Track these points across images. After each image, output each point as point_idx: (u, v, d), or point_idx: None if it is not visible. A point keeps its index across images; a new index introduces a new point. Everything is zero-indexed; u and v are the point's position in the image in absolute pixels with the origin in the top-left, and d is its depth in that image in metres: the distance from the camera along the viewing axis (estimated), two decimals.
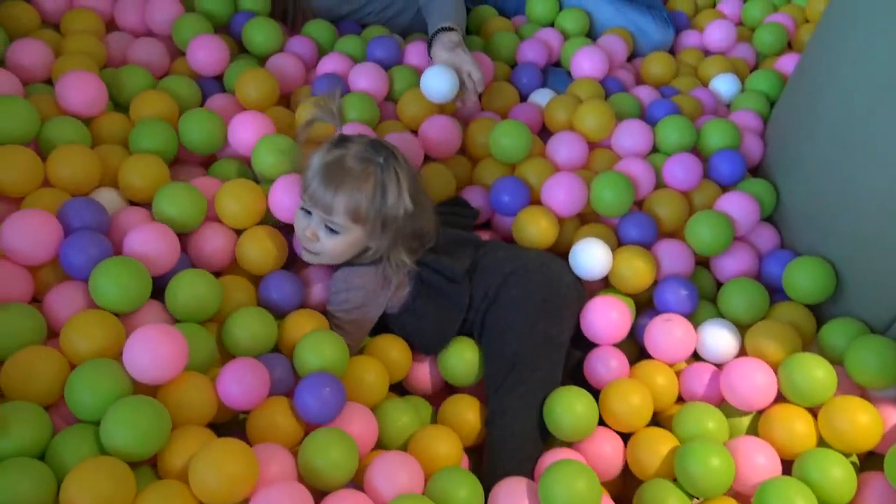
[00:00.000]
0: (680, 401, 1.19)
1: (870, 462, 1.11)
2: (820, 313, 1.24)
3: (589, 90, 1.55)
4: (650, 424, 1.14)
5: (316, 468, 0.95)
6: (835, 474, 1.02)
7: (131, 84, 1.35)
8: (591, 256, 1.25)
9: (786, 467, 1.07)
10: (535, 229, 1.31)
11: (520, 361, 1.14)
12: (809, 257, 1.25)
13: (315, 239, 1.12)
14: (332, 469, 0.95)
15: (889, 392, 1.11)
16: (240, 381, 1.00)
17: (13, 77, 1.25)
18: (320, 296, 1.21)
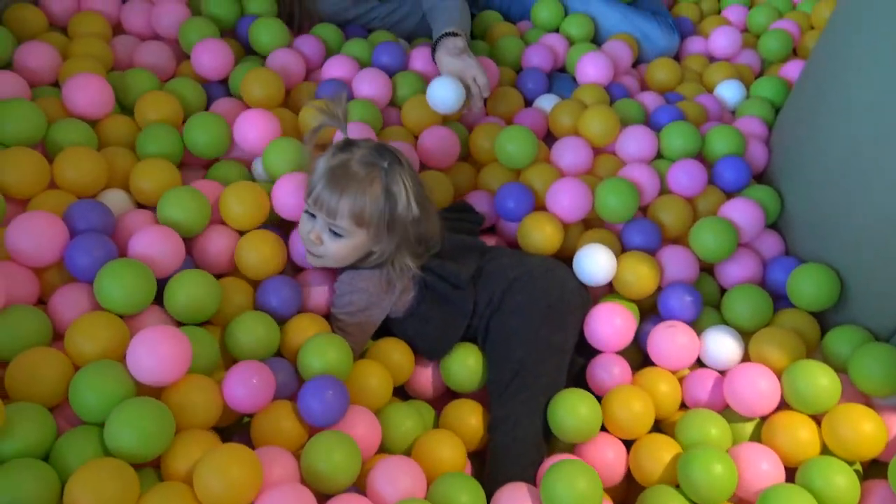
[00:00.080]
0: (683, 407, 1.19)
1: (873, 470, 1.11)
2: (824, 321, 1.24)
3: (594, 96, 1.55)
4: (653, 431, 1.14)
5: (318, 471, 0.95)
6: (838, 482, 1.02)
7: (137, 87, 1.35)
8: (595, 262, 1.25)
9: (789, 475, 1.07)
10: (540, 235, 1.31)
11: (524, 367, 1.14)
12: (814, 264, 1.25)
13: (319, 242, 1.12)
14: (334, 472, 0.95)
15: (893, 400, 1.10)
16: (246, 384, 1.00)
17: (20, 79, 1.26)
18: (319, 301, 1.21)
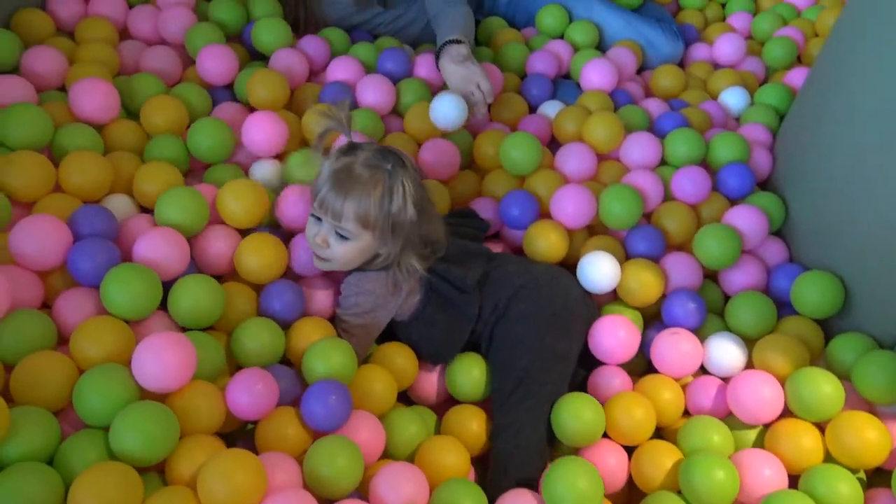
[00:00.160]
0: (686, 415, 1.19)
1: (877, 478, 1.10)
2: (828, 328, 1.24)
3: (598, 102, 1.55)
4: (655, 438, 1.14)
5: (321, 476, 0.95)
6: (841, 490, 1.01)
7: (144, 92, 1.36)
8: (599, 270, 1.25)
9: (792, 482, 1.06)
10: (545, 243, 1.32)
11: (528, 375, 1.14)
12: (818, 272, 1.25)
13: (326, 246, 1.13)
14: (337, 477, 0.95)
15: None
16: (249, 391, 1.00)
17: (27, 84, 1.27)
18: (322, 305, 1.21)
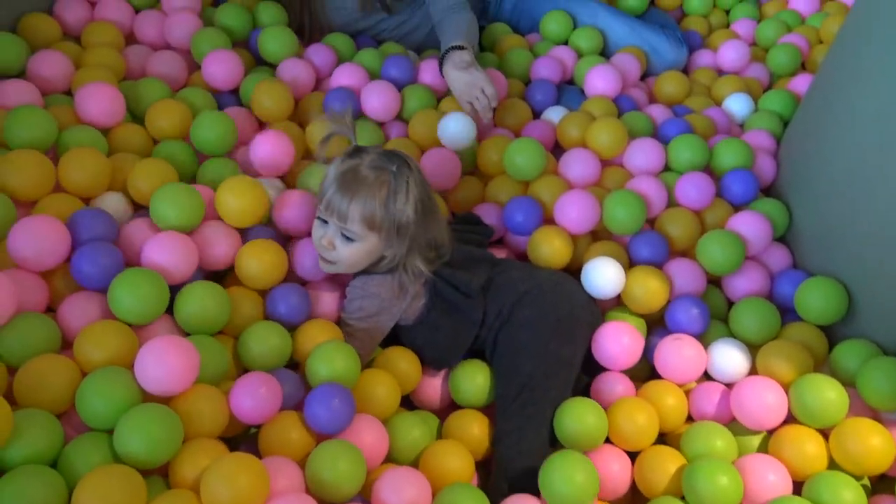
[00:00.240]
0: (690, 420, 1.19)
1: (881, 485, 1.10)
2: (832, 334, 1.24)
3: (602, 108, 1.56)
4: (659, 443, 1.14)
5: (323, 480, 0.95)
6: (846, 497, 1.01)
7: (149, 96, 1.36)
8: (603, 275, 1.25)
9: (796, 489, 1.06)
10: (549, 249, 1.32)
11: (531, 381, 1.14)
12: (822, 278, 1.24)
13: (331, 248, 1.13)
14: (339, 481, 0.95)
15: None
16: (253, 395, 1.00)
17: (33, 88, 1.27)
18: (326, 308, 1.21)
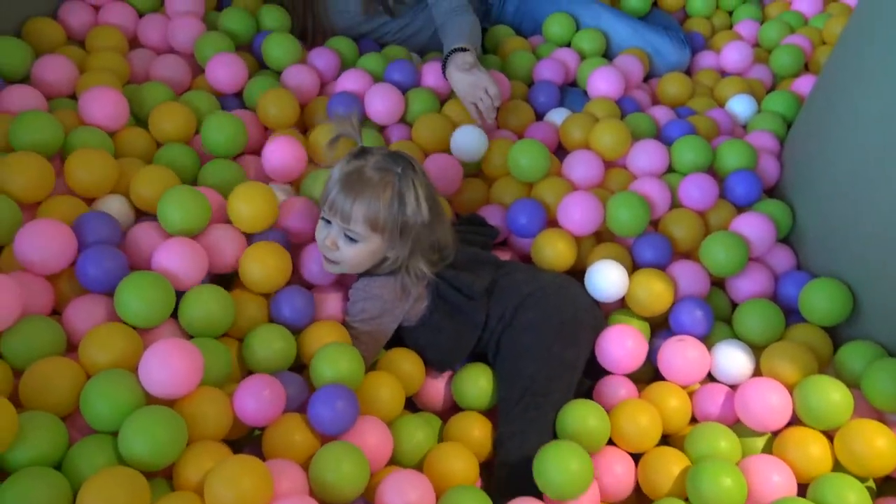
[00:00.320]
0: (693, 422, 1.19)
1: (887, 487, 1.10)
2: (837, 336, 1.23)
3: (605, 110, 1.56)
4: (663, 445, 1.14)
5: (326, 482, 0.95)
6: (850, 499, 1.00)
7: (153, 100, 1.37)
8: (607, 278, 1.25)
9: (800, 491, 1.06)
10: (553, 252, 1.32)
11: (534, 384, 1.14)
12: (826, 279, 1.24)
13: (335, 248, 1.13)
14: (342, 483, 0.95)
15: None
16: (257, 398, 1.00)
17: (37, 92, 1.28)
18: (332, 311, 1.21)
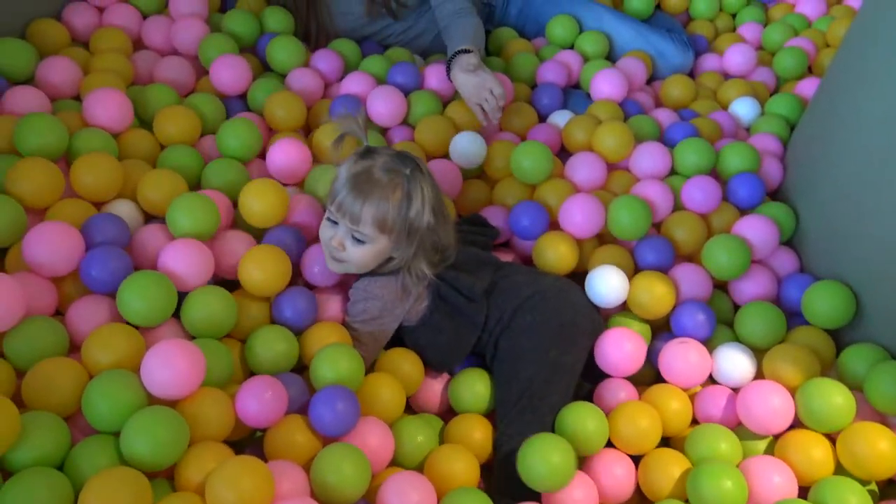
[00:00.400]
0: (695, 424, 1.18)
1: (889, 490, 1.09)
2: (839, 338, 1.23)
3: (608, 112, 1.56)
4: (663, 447, 1.13)
5: (328, 484, 0.95)
6: (851, 502, 1.00)
7: (157, 101, 1.37)
8: (607, 284, 1.24)
9: (801, 494, 1.05)
10: (554, 254, 1.31)
11: (532, 386, 1.13)
12: (829, 282, 1.24)
13: (341, 249, 1.13)
14: (343, 485, 0.95)
15: None
16: (259, 399, 1.00)
17: (41, 94, 1.28)
18: (333, 312, 1.21)
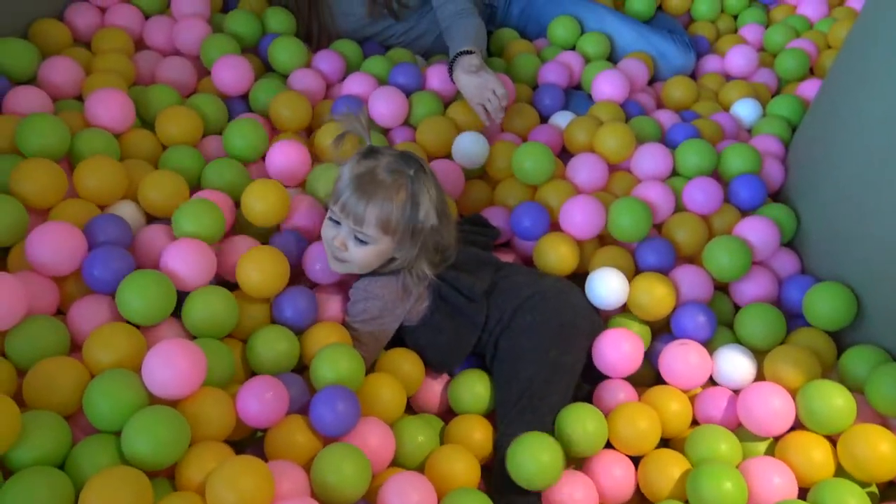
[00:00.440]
0: (695, 425, 1.18)
1: (890, 492, 1.09)
2: (840, 340, 1.23)
3: (609, 113, 1.56)
4: (664, 448, 1.13)
5: (328, 484, 0.95)
6: None
7: (159, 102, 1.37)
8: (607, 286, 1.24)
9: (801, 496, 1.05)
10: (555, 255, 1.31)
11: (531, 387, 1.13)
12: (830, 283, 1.24)
13: (344, 249, 1.13)
14: (344, 485, 0.95)
15: None
16: (259, 399, 1.00)
17: (43, 94, 1.28)
18: (334, 312, 1.21)
